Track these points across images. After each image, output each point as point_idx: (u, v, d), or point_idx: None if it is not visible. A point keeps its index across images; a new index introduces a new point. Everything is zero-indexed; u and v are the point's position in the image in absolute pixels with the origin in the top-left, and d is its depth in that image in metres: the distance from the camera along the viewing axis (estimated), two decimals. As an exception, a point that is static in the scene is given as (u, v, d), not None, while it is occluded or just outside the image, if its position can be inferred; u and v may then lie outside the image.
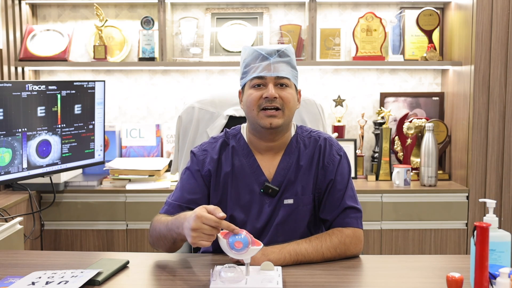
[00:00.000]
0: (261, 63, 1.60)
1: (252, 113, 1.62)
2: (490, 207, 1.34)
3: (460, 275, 1.24)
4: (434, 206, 2.91)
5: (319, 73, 3.31)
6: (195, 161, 1.70)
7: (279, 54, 1.62)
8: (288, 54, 1.64)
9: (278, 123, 1.60)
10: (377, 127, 3.22)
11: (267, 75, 1.60)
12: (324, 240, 1.56)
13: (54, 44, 3.17)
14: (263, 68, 1.60)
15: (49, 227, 2.89)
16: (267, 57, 1.61)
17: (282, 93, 1.61)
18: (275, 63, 1.60)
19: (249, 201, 1.67)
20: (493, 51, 2.85)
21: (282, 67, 1.61)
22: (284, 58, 1.62)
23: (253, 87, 1.62)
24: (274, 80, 1.60)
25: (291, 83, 1.64)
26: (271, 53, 1.61)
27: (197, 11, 3.30)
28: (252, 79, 1.62)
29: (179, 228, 1.46)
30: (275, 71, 1.60)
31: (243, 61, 1.66)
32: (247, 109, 1.65)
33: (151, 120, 3.34)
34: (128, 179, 2.96)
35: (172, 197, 1.70)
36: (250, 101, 1.61)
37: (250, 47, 1.67)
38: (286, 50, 1.64)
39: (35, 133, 2.34)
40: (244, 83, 1.66)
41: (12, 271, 1.49)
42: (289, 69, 1.63)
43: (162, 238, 1.58)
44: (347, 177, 1.68)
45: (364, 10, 3.26)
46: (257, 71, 1.60)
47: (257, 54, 1.62)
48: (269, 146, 1.68)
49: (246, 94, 1.64)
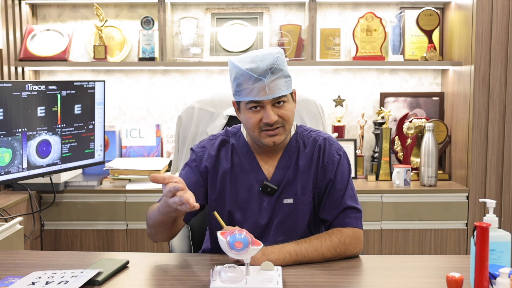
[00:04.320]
0: (255, 85, 1.53)
1: (253, 134, 1.61)
2: (490, 207, 1.34)
3: (460, 275, 1.24)
4: (434, 206, 2.91)
5: (319, 73, 3.31)
6: (193, 157, 1.71)
7: (272, 71, 1.54)
8: (281, 68, 1.55)
9: (280, 139, 1.61)
10: (377, 127, 3.22)
11: (264, 99, 1.54)
12: (324, 240, 1.56)
13: (54, 44, 3.17)
14: (258, 91, 1.53)
15: (49, 227, 2.89)
16: (260, 78, 1.53)
17: (280, 112, 1.57)
18: (270, 83, 1.53)
19: (248, 199, 1.67)
20: (493, 51, 2.85)
21: (277, 85, 1.54)
22: (277, 74, 1.55)
23: (250, 109, 1.58)
24: (271, 101, 1.56)
25: (288, 96, 1.60)
26: (264, 73, 1.53)
27: (197, 11, 3.30)
28: (247, 102, 1.57)
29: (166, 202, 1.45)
30: (270, 92, 1.54)
31: (234, 79, 1.57)
32: (247, 129, 1.63)
33: (151, 120, 3.34)
34: (128, 179, 2.96)
35: None
36: (250, 124, 1.59)
37: (238, 64, 1.56)
38: (278, 64, 1.55)
39: (35, 133, 2.34)
40: (238, 100, 1.61)
41: (12, 271, 1.49)
42: (283, 83, 1.56)
43: (159, 224, 1.56)
44: (347, 177, 1.68)
45: (364, 10, 3.26)
46: (252, 94, 1.54)
47: (248, 76, 1.53)
48: (268, 149, 1.69)
49: (244, 116, 1.60)
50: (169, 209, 1.44)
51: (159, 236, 1.62)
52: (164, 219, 1.53)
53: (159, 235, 1.62)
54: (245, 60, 1.56)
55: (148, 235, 1.67)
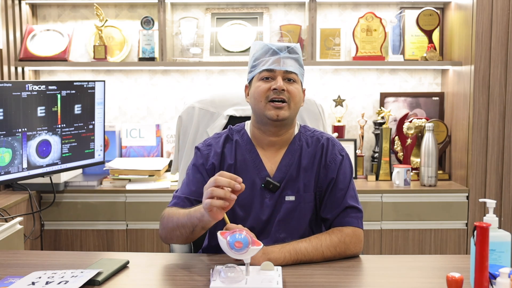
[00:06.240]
0: (271, 57, 1.65)
1: (259, 105, 1.65)
2: (490, 207, 1.34)
3: (460, 275, 1.24)
4: (434, 206, 2.91)
5: (319, 73, 3.31)
6: (199, 155, 1.72)
7: (289, 51, 1.66)
8: (296, 52, 1.69)
9: (284, 115, 1.63)
10: (377, 127, 3.22)
11: (277, 68, 1.64)
12: (324, 239, 1.57)
13: (54, 44, 3.17)
14: (273, 62, 1.65)
15: (49, 227, 2.89)
16: (277, 51, 1.65)
17: (289, 87, 1.65)
18: (284, 58, 1.65)
19: (250, 196, 1.67)
20: (493, 51, 2.85)
21: (291, 63, 1.66)
22: (293, 55, 1.67)
23: (262, 79, 1.66)
24: (283, 74, 1.65)
25: (298, 80, 1.69)
26: (281, 49, 1.66)
27: (197, 11, 3.30)
28: (261, 71, 1.66)
29: (199, 212, 1.48)
30: (284, 65, 1.65)
31: (253, 56, 1.70)
32: (254, 100, 1.67)
33: (151, 120, 3.34)
34: (128, 179, 2.96)
35: (179, 191, 1.71)
36: (259, 92, 1.65)
37: (261, 42, 1.72)
38: (295, 47, 1.69)
39: (35, 133, 2.34)
40: (252, 77, 1.69)
41: (12, 271, 1.49)
42: (297, 66, 1.68)
43: (180, 227, 1.56)
44: (348, 177, 1.69)
45: (364, 10, 3.26)
46: (267, 64, 1.65)
47: (267, 48, 1.66)
48: (272, 141, 1.69)
49: (254, 86, 1.67)
50: (202, 223, 1.48)
51: (176, 238, 1.61)
52: (191, 223, 1.53)
53: (176, 238, 1.60)
54: (268, 41, 1.71)
55: (160, 236, 1.66)
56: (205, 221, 1.47)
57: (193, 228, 1.52)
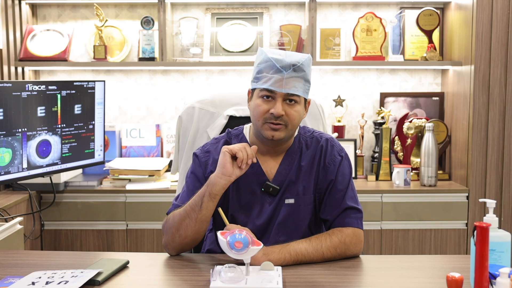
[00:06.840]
0: (274, 75, 1.57)
1: (257, 123, 1.62)
2: (490, 207, 1.34)
3: (460, 275, 1.24)
4: (434, 206, 2.91)
5: (319, 73, 3.31)
6: (198, 163, 1.71)
7: (294, 69, 1.57)
8: (303, 69, 1.59)
9: (280, 136, 1.60)
10: (377, 127, 3.22)
11: (277, 90, 1.57)
12: (324, 240, 1.56)
13: (54, 44, 3.17)
14: (275, 82, 1.56)
15: (49, 227, 2.89)
16: (281, 70, 1.56)
17: (288, 110, 1.59)
18: (288, 78, 1.56)
19: (250, 201, 1.67)
20: (493, 51, 2.85)
21: (294, 83, 1.57)
22: (298, 73, 1.58)
23: (262, 98, 1.60)
24: (284, 96, 1.58)
25: (301, 99, 1.62)
26: (286, 67, 1.56)
27: (197, 11, 3.30)
28: (261, 89, 1.59)
29: (205, 184, 1.57)
30: (286, 87, 1.56)
31: (257, 65, 1.63)
32: (253, 116, 1.64)
33: (151, 120, 3.34)
34: (128, 179, 2.96)
35: (179, 200, 1.69)
36: (257, 112, 1.60)
37: (267, 52, 1.61)
38: (303, 64, 1.58)
39: (35, 133, 2.34)
40: (254, 87, 1.64)
41: (12, 271, 1.49)
42: (301, 85, 1.59)
43: (188, 213, 1.55)
44: (348, 178, 1.68)
45: (364, 10, 3.26)
46: (268, 83, 1.57)
47: (271, 64, 1.57)
48: (271, 149, 1.69)
49: (254, 102, 1.62)
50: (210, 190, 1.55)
51: (181, 238, 1.57)
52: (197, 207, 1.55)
53: (181, 238, 1.57)
54: (274, 52, 1.62)
55: (164, 243, 1.63)
56: (213, 183, 1.53)
57: (201, 202, 1.54)
